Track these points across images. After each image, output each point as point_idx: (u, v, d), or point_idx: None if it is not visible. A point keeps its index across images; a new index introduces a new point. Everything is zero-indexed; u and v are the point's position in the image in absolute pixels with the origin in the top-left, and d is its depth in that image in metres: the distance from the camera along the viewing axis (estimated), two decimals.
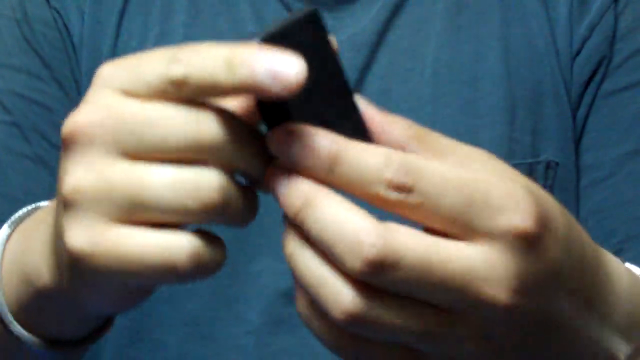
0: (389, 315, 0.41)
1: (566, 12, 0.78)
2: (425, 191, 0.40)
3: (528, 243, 0.41)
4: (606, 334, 0.47)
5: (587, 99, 0.79)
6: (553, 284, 0.43)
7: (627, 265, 0.52)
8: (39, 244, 0.50)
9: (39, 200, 0.52)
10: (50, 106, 0.76)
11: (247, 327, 0.76)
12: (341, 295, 0.40)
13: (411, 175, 0.40)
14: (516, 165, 0.75)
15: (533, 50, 0.78)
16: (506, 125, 0.77)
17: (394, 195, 0.40)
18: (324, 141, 0.41)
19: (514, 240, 0.41)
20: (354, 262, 0.40)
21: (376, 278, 0.40)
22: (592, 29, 0.78)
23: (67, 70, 0.76)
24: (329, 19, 0.76)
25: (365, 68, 0.76)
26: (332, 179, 0.41)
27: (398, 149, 0.42)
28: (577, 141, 0.79)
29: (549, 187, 0.78)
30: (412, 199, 0.40)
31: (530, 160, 0.77)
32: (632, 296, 0.49)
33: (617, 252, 0.77)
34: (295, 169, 0.41)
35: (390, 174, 0.40)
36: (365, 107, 0.44)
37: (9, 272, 0.54)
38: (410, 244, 0.40)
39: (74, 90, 0.76)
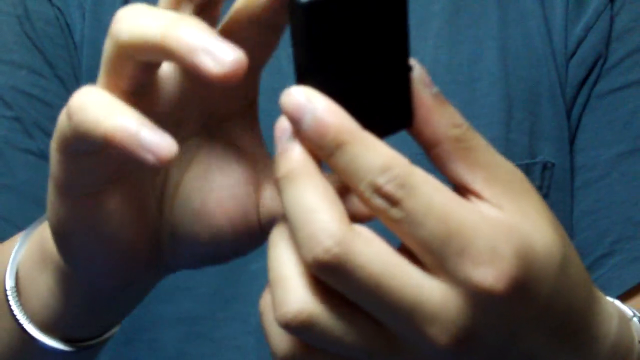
0: (336, 325, 0.39)
1: (562, 12, 0.79)
2: (409, 211, 0.39)
3: (491, 302, 0.39)
4: None
5: (581, 99, 0.79)
6: (511, 340, 0.41)
7: (618, 304, 0.51)
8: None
9: (43, 193, 0.52)
10: (51, 102, 0.76)
11: (246, 327, 0.76)
12: (295, 296, 0.39)
13: (403, 190, 0.39)
14: None
15: (530, 51, 0.78)
16: (503, 126, 0.77)
17: (378, 202, 0.39)
18: (338, 124, 0.39)
19: (477, 294, 0.39)
20: (307, 255, 0.38)
21: (325, 278, 0.39)
22: (587, 30, 0.78)
23: (68, 68, 0.76)
24: None
25: None
26: (329, 161, 0.40)
27: (433, 142, 0.41)
28: (572, 142, 0.80)
29: (546, 187, 0.78)
30: (393, 212, 0.39)
31: (527, 162, 0.77)
32: (617, 346, 0.47)
33: (609, 254, 0.78)
34: (298, 134, 0.40)
35: (382, 181, 0.39)
36: (420, 85, 0.41)
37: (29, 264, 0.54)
38: (368, 258, 0.38)
39: (75, 87, 0.76)
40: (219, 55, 0.39)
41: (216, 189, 0.47)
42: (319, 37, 0.39)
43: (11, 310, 0.54)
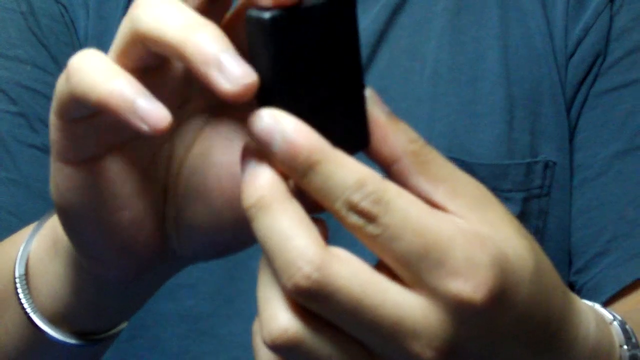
0: (322, 346, 0.39)
1: (563, 12, 0.79)
2: (386, 226, 0.39)
3: (471, 313, 0.39)
4: None
5: (579, 98, 0.79)
6: (493, 350, 0.42)
7: (598, 308, 0.51)
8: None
9: (49, 187, 0.52)
10: None
11: (248, 324, 0.74)
12: (280, 318, 0.39)
13: (379, 206, 0.39)
14: (515, 165, 0.77)
15: (532, 51, 0.78)
16: (505, 125, 0.77)
17: (354, 219, 0.39)
18: (309, 143, 0.39)
19: (457, 306, 0.39)
20: (287, 283, 0.38)
21: (307, 303, 0.39)
22: (587, 30, 0.79)
23: None
24: None
25: (365, 67, 0.76)
26: (301, 182, 0.39)
27: (392, 159, 0.41)
28: (571, 140, 0.80)
29: (547, 186, 0.78)
30: (370, 228, 0.39)
31: (528, 160, 0.78)
32: (596, 350, 0.48)
33: (604, 252, 0.78)
34: (267, 157, 0.39)
35: (357, 198, 0.38)
36: (373, 105, 0.41)
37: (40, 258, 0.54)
38: (347, 280, 0.38)
39: None
40: (231, 73, 0.39)
41: (216, 167, 0.47)
42: (279, 54, 0.39)
43: (19, 300, 0.54)
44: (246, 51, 0.40)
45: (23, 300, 0.54)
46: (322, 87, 0.41)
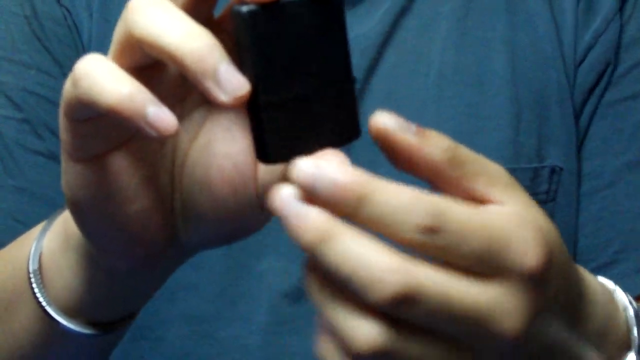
0: (412, 348, 0.42)
1: (572, 18, 0.78)
2: (451, 233, 0.41)
3: (537, 280, 0.43)
4: (586, 348, 0.49)
5: (590, 106, 0.79)
6: (553, 309, 0.45)
7: (600, 278, 0.54)
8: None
9: (54, 194, 0.53)
10: (59, 102, 0.76)
11: (251, 326, 0.76)
12: (365, 329, 0.41)
13: (437, 218, 0.41)
14: (521, 170, 0.76)
15: (539, 55, 0.78)
16: (511, 129, 0.77)
17: (420, 238, 0.41)
18: (354, 179, 0.40)
19: (529, 276, 0.43)
20: (376, 297, 0.40)
21: (398, 311, 0.41)
22: (597, 37, 0.78)
23: None
24: None
25: (371, 69, 0.76)
26: (356, 218, 0.41)
27: (433, 173, 0.43)
28: (579, 147, 0.80)
29: (553, 191, 0.78)
30: (437, 241, 0.41)
31: (535, 165, 0.77)
32: (604, 308, 0.51)
33: (612, 263, 0.79)
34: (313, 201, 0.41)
35: (419, 219, 0.41)
36: (400, 131, 0.43)
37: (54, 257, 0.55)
38: (430, 278, 0.41)
39: None
40: (226, 86, 0.41)
41: (218, 157, 0.48)
42: (260, 46, 0.41)
43: (34, 294, 0.55)
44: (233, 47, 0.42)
45: (38, 294, 0.55)
46: (310, 79, 0.42)
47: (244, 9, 0.40)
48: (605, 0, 0.79)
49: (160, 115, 0.41)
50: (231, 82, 0.41)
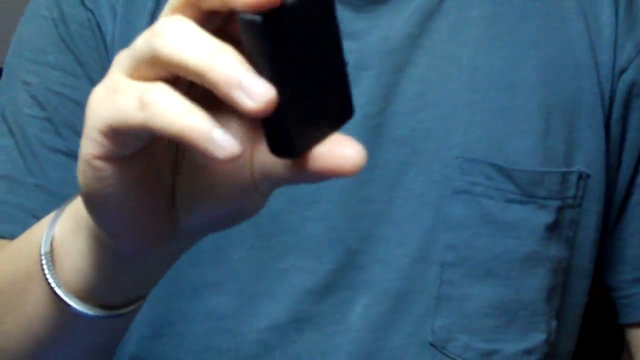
0: None
1: (610, 25, 0.78)
2: None
3: None
4: None
5: (635, 120, 0.80)
6: None
7: None
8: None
9: (74, 193, 0.54)
10: (81, 102, 0.77)
11: (272, 323, 0.76)
12: None
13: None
14: (550, 174, 0.77)
15: (570, 61, 0.78)
16: (541, 134, 0.77)
17: None
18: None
19: None
20: None
21: None
22: (639, 49, 0.79)
23: (98, 68, 0.77)
24: (358, 20, 0.76)
25: (400, 71, 0.76)
26: None
27: None
28: (607, 153, 0.80)
29: (580, 197, 0.78)
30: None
31: (563, 170, 0.77)
32: None
33: None
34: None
35: None
36: None
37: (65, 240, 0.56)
38: None
39: None
40: (254, 93, 0.42)
41: None
42: (274, 50, 0.43)
43: (45, 276, 0.56)
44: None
45: (48, 276, 0.56)
46: (314, 71, 0.44)
47: (257, 18, 0.43)
48: None
49: (225, 139, 0.43)
50: (257, 90, 0.42)
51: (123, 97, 0.45)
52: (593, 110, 0.78)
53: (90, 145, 0.47)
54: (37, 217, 0.73)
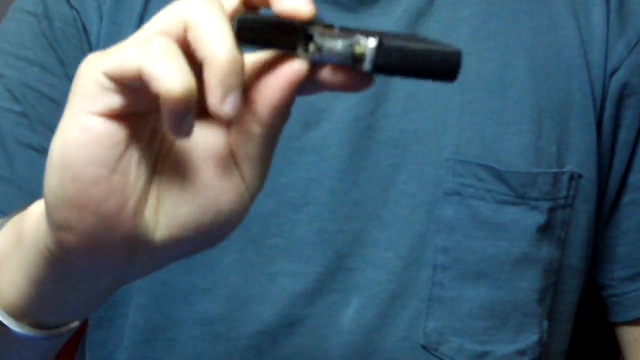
0: None
1: (602, 25, 0.78)
2: None
3: None
4: None
5: (627, 119, 0.80)
6: None
7: None
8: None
9: (40, 189, 0.52)
10: (59, 100, 0.77)
11: (262, 327, 0.76)
12: None
13: None
14: (542, 174, 0.77)
15: (562, 62, 0.78)
16: (532, 134, 0.77)
17: None
18: None
19: None
20: None
21: None
22: (630, 49, 0.79)
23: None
24: (349, 21, 0.75)
25: None
26: None
27: None
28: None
29: (571, 197, 0.78)
30: None
31: (555, 170, 0.77)
32: None
33: None
34: None
35: None
36: None
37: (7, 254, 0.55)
38: None
39: None
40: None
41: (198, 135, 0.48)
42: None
43: None
44: None
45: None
46: None
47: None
48: (636, 10, 0.79)
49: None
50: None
51: (121, 49, 0.45)
52: (584, 111, 0.78)
53: (81, 100, 0.45)
54: (1, 210, 0.72)
